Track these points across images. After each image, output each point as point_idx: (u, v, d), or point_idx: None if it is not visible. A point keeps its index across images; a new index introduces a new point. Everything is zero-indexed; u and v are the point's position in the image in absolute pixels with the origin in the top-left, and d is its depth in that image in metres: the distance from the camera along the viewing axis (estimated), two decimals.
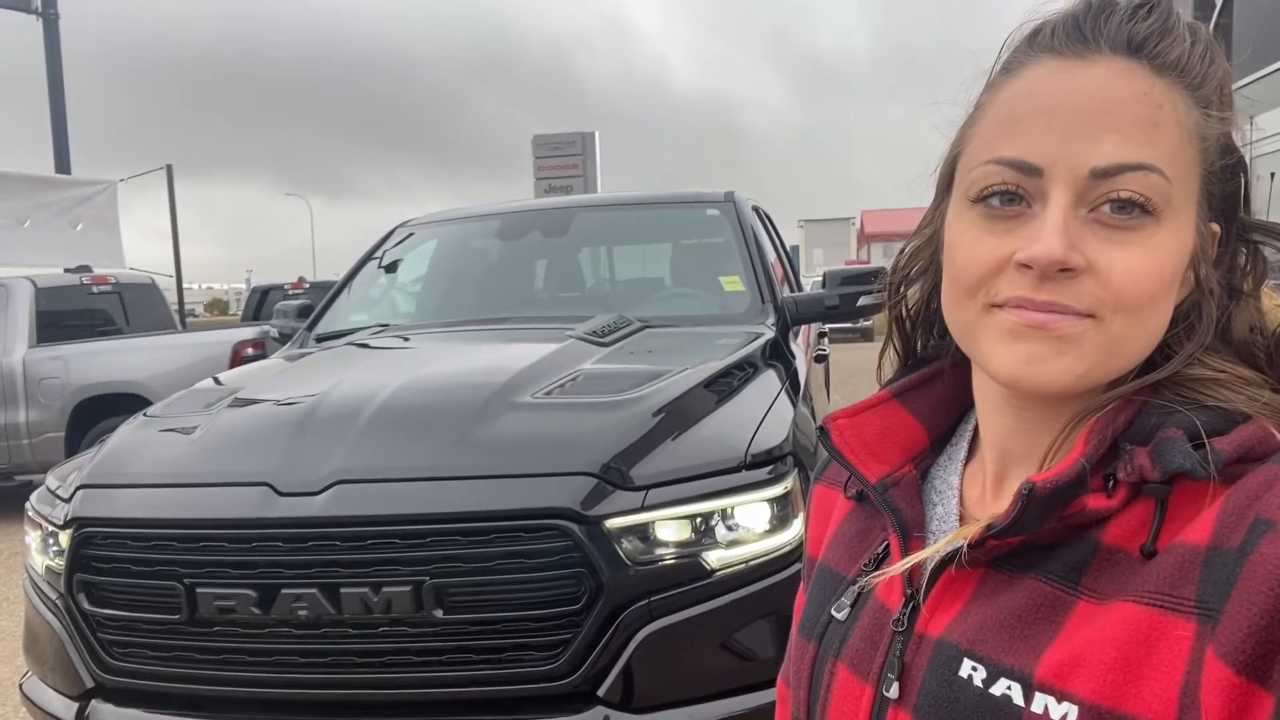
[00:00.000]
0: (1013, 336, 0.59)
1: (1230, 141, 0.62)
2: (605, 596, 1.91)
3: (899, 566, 0.65)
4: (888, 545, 0.69)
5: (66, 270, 8.43)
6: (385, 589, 1.91)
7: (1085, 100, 0.58)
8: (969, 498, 0.70)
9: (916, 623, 0.64)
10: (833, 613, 0.71)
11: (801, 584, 0.83)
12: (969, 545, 0.60)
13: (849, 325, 21.97)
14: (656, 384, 2.37)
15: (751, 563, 2.03)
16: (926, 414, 0.74)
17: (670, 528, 2.00)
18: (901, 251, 0.76)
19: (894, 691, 0.63)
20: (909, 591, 0.65)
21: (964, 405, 0.74)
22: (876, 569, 0.69)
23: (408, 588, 1.91)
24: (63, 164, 11.76)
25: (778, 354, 2.97)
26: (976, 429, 0.71)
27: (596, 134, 16.05)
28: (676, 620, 1.95)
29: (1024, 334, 0.58)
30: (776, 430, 2.24)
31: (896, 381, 0.76)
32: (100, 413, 6.96)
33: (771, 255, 3.88)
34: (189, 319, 15.89)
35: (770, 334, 3.08)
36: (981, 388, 0.68)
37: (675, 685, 1.98)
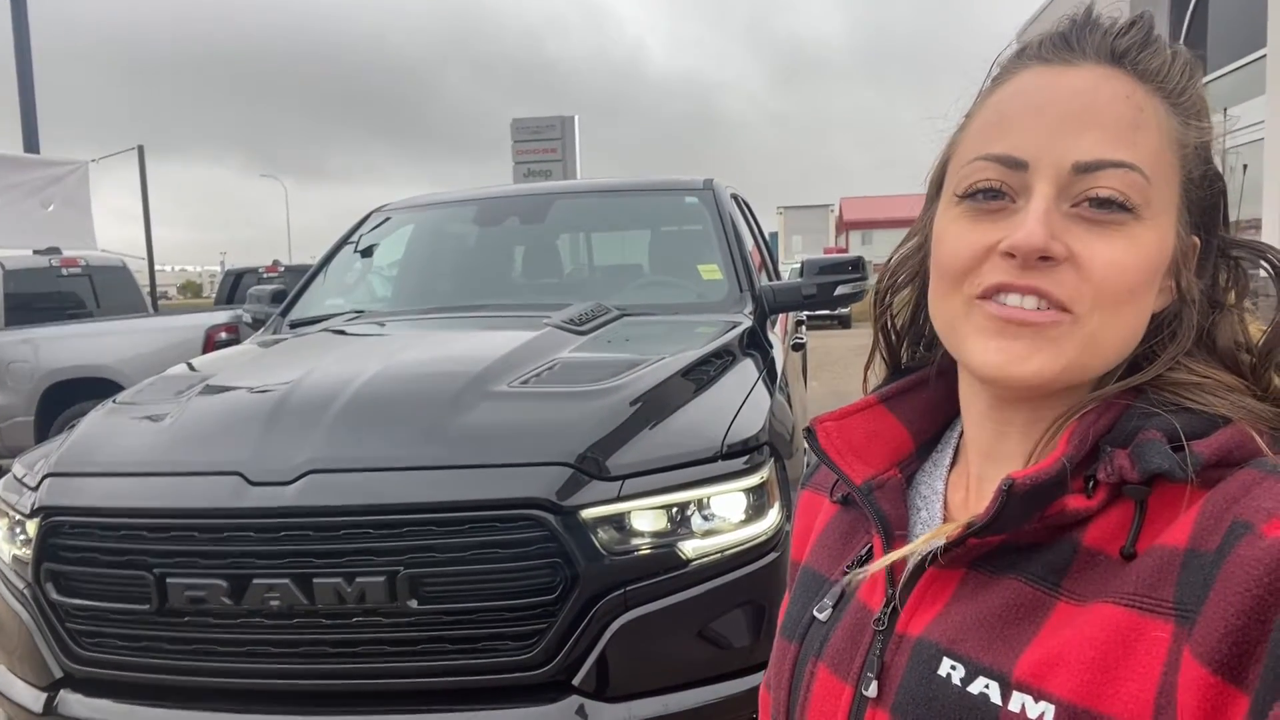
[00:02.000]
0: (992, 333, 0.60)
1: (1209, 154, 0.64)
2: (581, 586, 1.91)
3: (881, 562, 0.65)
4: (871, 547, 0.70)
5: (36, 252, 8.28)
6: (359, 579, 1.90)
7: (1070, 99, 0.60)
8: (953, 502, 0.71)
9: (897, 623, 0.64)
10: (814, 613, 0.71)
11: (786, 590, 0.83)
12: (950, 543, 0.60)
13: (826, 313, 22.06)
14: (633, 373, 2.36)
15: (727, 552, 2.04)
16: (913, 420, 0.75)
17: (646, 518, 2.00)
18: (888, 261, 0.76)
19: (873, 690, 0.63)
20: (890, 592, 0.66)
21: (950, 413, 0.75)
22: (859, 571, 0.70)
23: (382, 578, 1.90)
24: (31, 144, 11.53)
25: (755, 343, 2.97)
26: (962, 436, 0.72)
27: (576, 118, 15.95)
28: (652, 610, 1.95)
29: (1003, 330, 0.60)
30: (753, 420, 2.24)
31: (884, 387, 0.77)
32: (70, 397, 6.85)
33: (750, 243, 3.88)
34: (162, 301, 15.70)
35: (748, 323, 3.08)
36: (966, 390, 0.69)
37: (650, 674, 1.98)
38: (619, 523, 1.98)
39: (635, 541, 1.98)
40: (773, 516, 2.12)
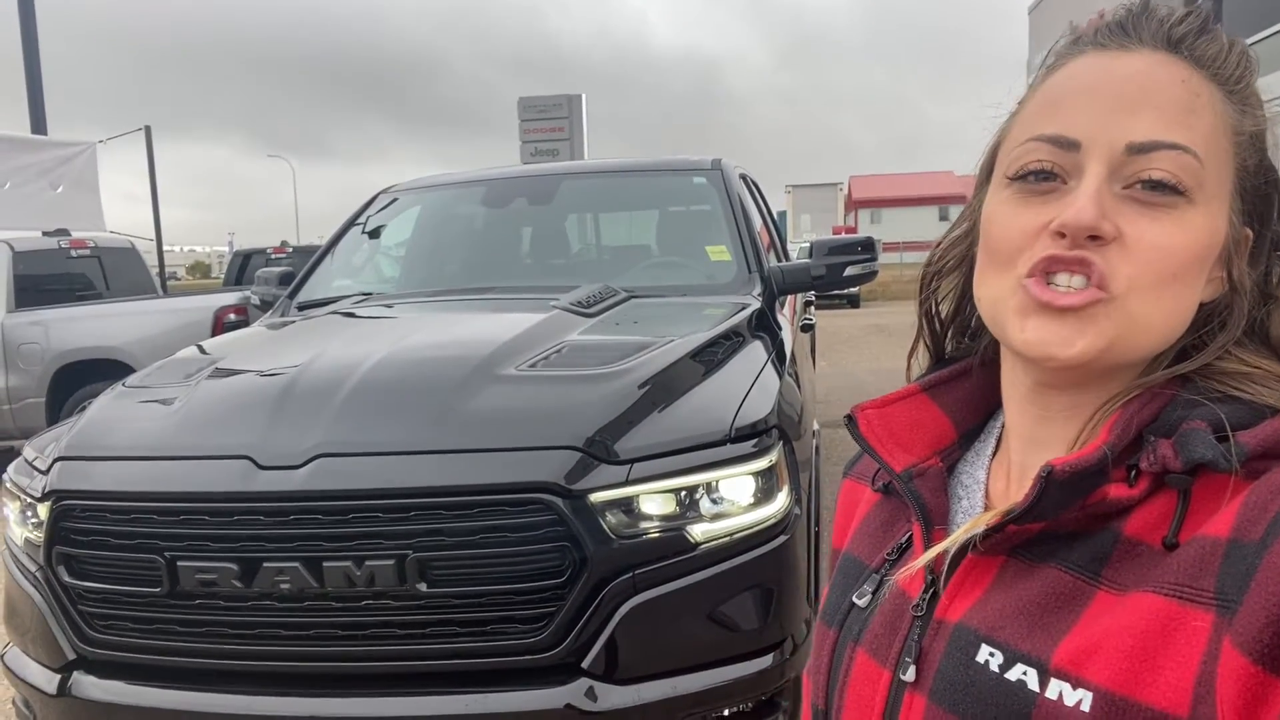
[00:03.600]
0: (1035, 313, 0.60)
1: (1264, 144, 0.64)
2: (589, 570, 1.91)
3: (922, 560, 0.65)
4: (911, 535, 0.70)
5: (45, 234, 8.29)
6: (368, 563, 1.91)
7: (1125, 81, 0.60)
8: (994, 491, 0.70)
9: (936, 609, 0.64)
10: (854, 599, 0.72)
11: (827, 578, 0.83)
12: (989, 530, 0.60)
13: (836, 293, 22.00)
14: (641, 356, 2.35)
15: (736, 536, 2.03)
16: (955, 409, 0.75)
17: (654, 501, 2.00)
18: (937, 244, 0.76)
19: (910, 675, 0.63)
20: (930, 578, 0.66)
21: (993, 403, 0.75)
22: (899, 558, 0.71)
23: (391, 561, 1.90)
24: (39, 125, 11.53)
25: (764, 325, 2.96)
26: (1004, 425, 0.72)
27: (583, 97, 15.85)
28: (661, 593, 1.96)
29: (1044, 313, 0.60)
30: (762, 403, 2.23)
31: (926, 376, 0.77)
32: (81, 378, 6.88)
33: (758, 224, 3.86)
34: (171, 282, 15.73)
35: (756, 304, 3.06)
36: (1009, 376, 0.69)
37: (659, 657, 1.99)
38: (627, 506, 1.98)
39: (644, 525, 1.98)
40: (781, 500, 2.12)
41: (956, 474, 0.73)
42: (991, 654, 0.59)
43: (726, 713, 2.04)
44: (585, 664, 1.93)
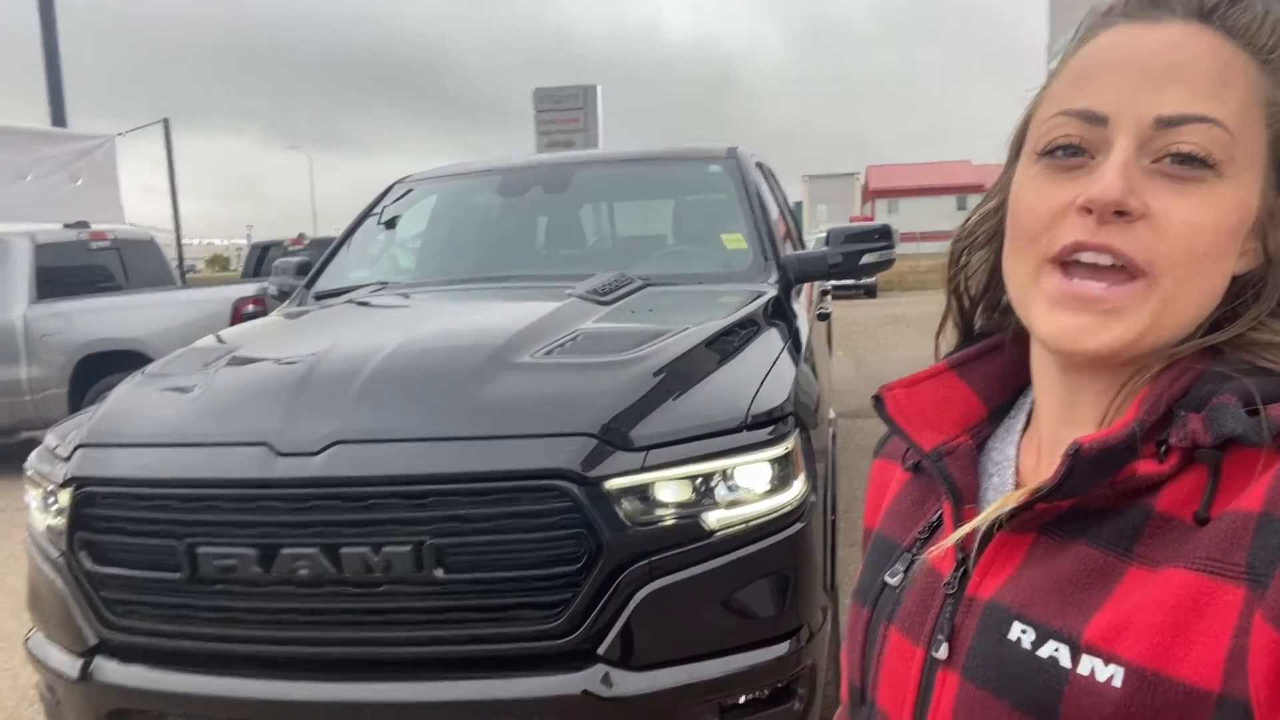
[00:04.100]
0: (1061, 305, 0.60)
1: None
2: (605, 556, 1.92)
3: (951, 539, 0.65)
4: (941, 513, 0.70)
5: (65, 226, 8.37)
6: (385, 549, 1.91)
7: (1155, 55, 0.59)
8: (1025, 468, 0.70)
9: (967, 587, 0.64)
10: (886, 578, 0.72)
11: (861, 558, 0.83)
12: (1019, 508, 0.60)
13: (852, 283, 21.91)
14: (657, 343, 2.35)
15: (752, 523, 2.03)
16: (984, 386, 0.74)
17: (670, 488, 2.00)
18: (967, 219, 0.75)
19: (943, 652, 0.63)
20: (961, 556, 0.66)
21: (1023, 380, 0.74)
22: (930, 536, 0.71)
23: (408, 547, 1.91)
24: (59, 118, 11.62)
25: (780, 313, 2.95)
26: (1034, 403, 0.72)
27: (599, 87, 15.84)
28: (676, 580, 1.96)
29: (1070, 304, 0.59)
30: (778, 390, 2.23)
31: (954, 353, 0.76)
32: (102, 369, 6.95)
33: (775, 212, 3.84)
34: (189, 275, 15.84)
35: (772, 292, 3.05)
36: (1038, 354, 0.68)
37: (675, 644, 1.99)
38: (643, 493, 1.98)
39: (659, 512, 1.98)
40: (797, 487, 2.11)
41: (986, 451, 0.73)
42: (1023, 631, 0.59)
43: (742, 699, 2.04)
44: (601, 650, 1.94)
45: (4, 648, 3.97)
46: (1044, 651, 0.57)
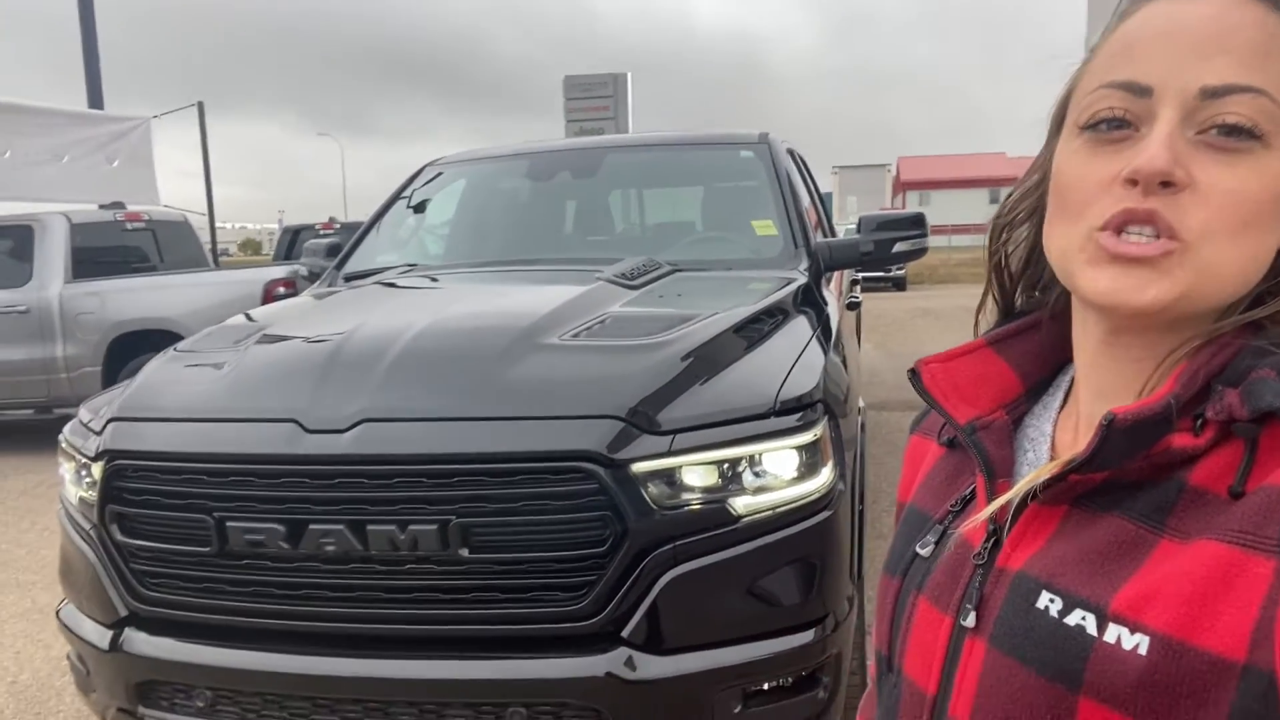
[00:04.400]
0: (1106, 264, 0.60)
1: None
2: (630, 540, 1.91)
3: (985, 512, 0.65)
4: (974, 487, 0.70)
5: (101, 207, 8.48)
6: (411, 527, 1.92)
7: (1199, 25, 0.59)
8: (1061, 442, 0.70)
9: (997, 557, 0.65)
10: (917, 549, 0.72)
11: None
12: (1052, 479, 0.61)
13: (880, 274, 21.73)
14: (685, 328, 2.33)
15: (779, 509, 2.01)
16: (1022, 363, 0.75)
17: (697, 473, 1.98)
18: (1009, 195, 0.75)
19: (971, 621, 0.64)
20: (992, 527, 0.66)
21: (1061, 358, 0.74)
22: (962, 509, 0.71)
23: (434, 526, 1.91)
24: (96, 100, 11.76)
25: (810, 300, 2.92)
26: (1073, 380, 0.72)
27: (629, 75, 15.76)
28: (701, 565, 1.94)
29: (1116, 263, 0.59)
30: (807, 377, 2.20)
31: (993, 330, 0.77)
32: (136, 348, 7.05)
33: (806, 199, 3.80)
34: (223, 258, 16.01)
35: (803, 279, 3.02)
36: (1079, 326, 0.68)
37: (699, 629, 1.98)
38: (669, 477, 1.96)
39: (685, 496, 1.97)
40: (825, 475, 2.09)
41: (1023, 428, 0.73)
42: (1051, 600, 0.59)
43: (766, 686, 2.02)
44: (625, 633, 1.93)
45: (37, 619, 4.05)
46: (1071, 620, 0.57)
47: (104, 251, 7.90)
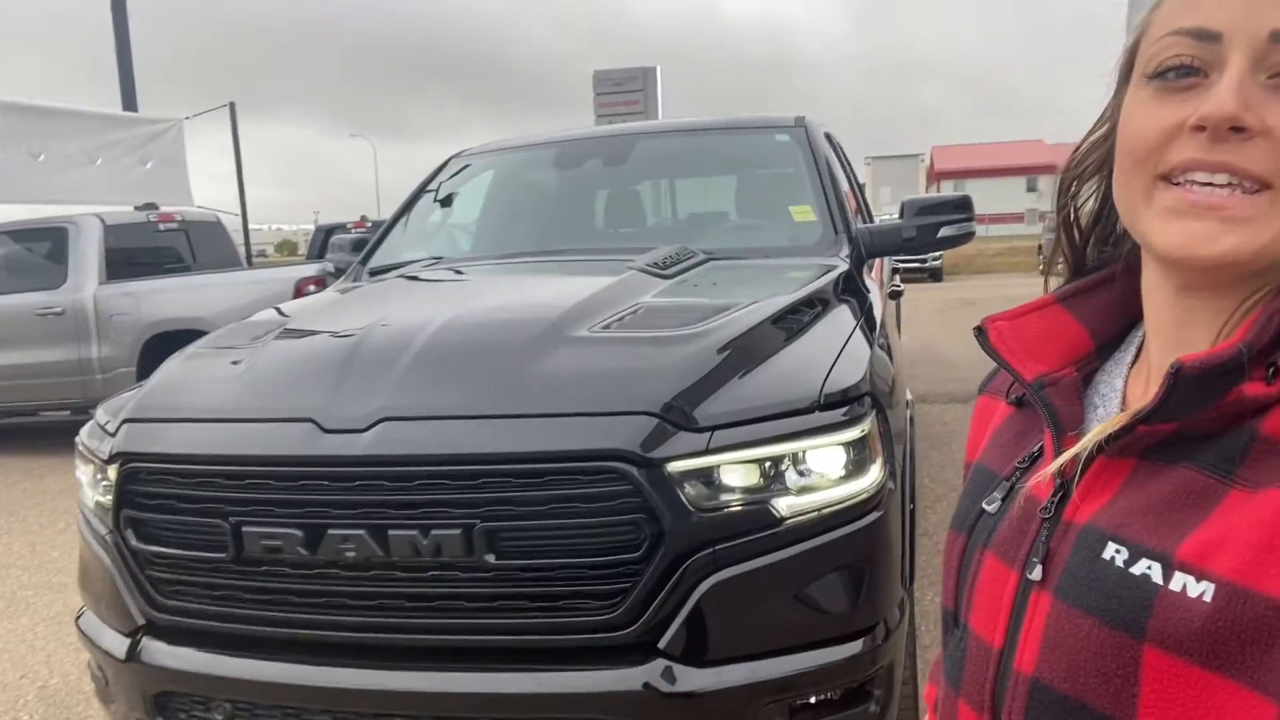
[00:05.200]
0: (1176, 214, 0.59)
1: None
2: (667, 544, 1.78)
3: (1053, 466, 0.64)
4: (1043, 444, 0.69)
5: (135, 208, 8.53)
6: (434, 531, 1.81)
7: None
8: (1133, 396, 0.69)
9: (1065, 511, 0.64)
10: (984, 506, 0.72)
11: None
12: (1119, 431, 0.60)
13: (916, 264, 21.40)
14: (722, 318, 2.21)
15: (824, 511, 1.88)
16: (1092, 319, 0.73)
17: (737, 472, 1.86)
18: (1077, 148, 0.73)
19: (1037, 574, 0.63)
20: (1060, 482, 0.65)
21: (1133, 314, 0.72)
22: (1030, 466, 0.70)
23: (458, 531, 1.80)
24: (129, 103, 11.86)
25: (851, 288, 2.78)
26: (1145, 335, 0.70)
27: (658, 69, 15.64)
28: (743, 571, 1.82)
29: (1188, 213, 0.58)
30: (853, 369, 2.07)
31: (1063, 288, 0.75)
32: (170, 348, 7.00)
33: (845, 184, 3.66)
34: (259, 259, 16.14)
35: (844, 266, 2.88)
36: (1150, 278, 0.67)
37: (741, 639, 1.86)
38: (708, 477, 1.84)
39: (725, 498, 1.84)
40: (875, 473, 1.95)
41: (1094, 384, 0.72)
42: (1117, 550, 0.58)
43: (813, 700, 1.89)
44: (662, 644, 1.81)
45: (68, 623, 4.02)
46: (1136, 569, 0.57)
47: (138, 253, 7.95)
